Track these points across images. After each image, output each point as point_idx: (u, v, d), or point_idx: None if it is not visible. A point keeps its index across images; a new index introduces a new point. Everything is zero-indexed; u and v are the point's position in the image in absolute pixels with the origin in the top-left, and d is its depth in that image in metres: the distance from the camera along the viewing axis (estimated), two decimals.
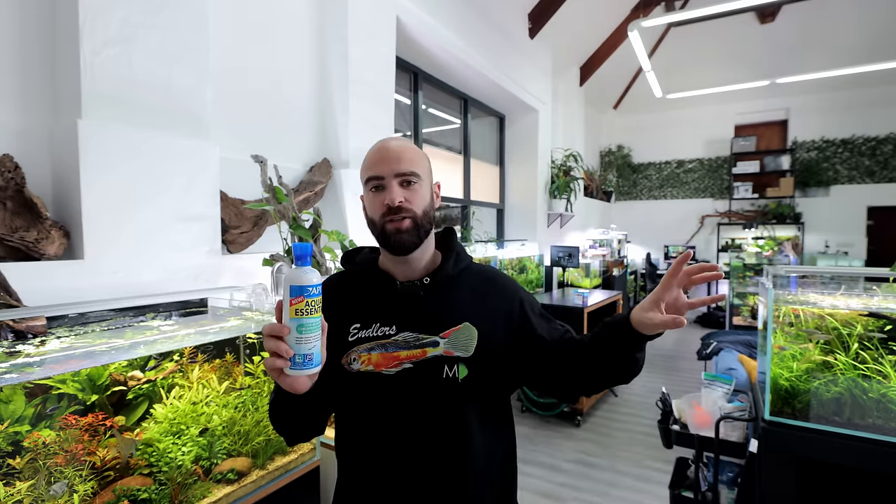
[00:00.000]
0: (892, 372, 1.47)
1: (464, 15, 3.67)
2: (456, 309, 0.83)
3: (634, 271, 7.72)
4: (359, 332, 0.82)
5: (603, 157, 8.33)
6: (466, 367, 0.79)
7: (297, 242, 0.58)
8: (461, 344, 0.80)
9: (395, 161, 0.80)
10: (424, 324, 0.81)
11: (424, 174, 0.84)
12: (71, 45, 1.41)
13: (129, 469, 1.10)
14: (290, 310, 0.64)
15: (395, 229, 0.80)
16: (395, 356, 0.79)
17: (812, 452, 1.54)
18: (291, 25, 2.33)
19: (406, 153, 0.82)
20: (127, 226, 1.48)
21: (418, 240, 0.81)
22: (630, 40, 4.56)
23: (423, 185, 0.83)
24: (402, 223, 0.80)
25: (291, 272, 0.66)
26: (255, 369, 1.43)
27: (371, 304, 0.85)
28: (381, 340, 0.80)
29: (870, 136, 6.54)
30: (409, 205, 0.80)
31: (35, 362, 1.01)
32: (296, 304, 0.64)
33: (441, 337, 0.80)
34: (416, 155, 0.84)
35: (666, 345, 5.99)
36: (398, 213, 0.79)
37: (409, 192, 0.81)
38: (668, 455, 2.71)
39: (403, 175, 0.80)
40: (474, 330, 0.81)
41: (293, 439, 0.87)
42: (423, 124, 3.81)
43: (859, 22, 5.68)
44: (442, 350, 0.79)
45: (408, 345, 0.80)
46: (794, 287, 1.97)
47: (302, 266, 0.66)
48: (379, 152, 0.82)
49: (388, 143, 0.84)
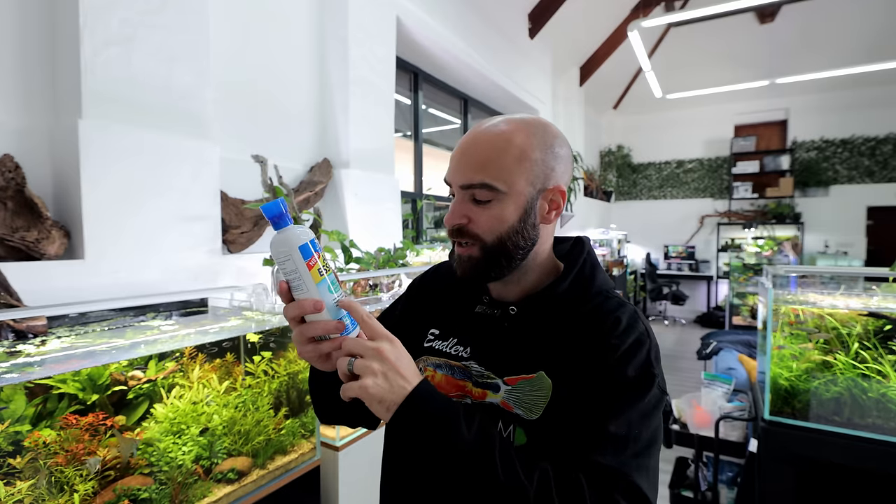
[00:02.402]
0: (891, 371, 1.48)
1: (464, 15, 3.67)
2: (538, 350, 0.61)
3: (634, 271, 7.72)
4: (434, 340, 0.71)
5: (603, 157, 8.34)
6: (525, 433, 0.58)
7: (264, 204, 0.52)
8: (526, 399, 0.59)
9: (464, 167, 0.61)
10: (494, 359, 0.63)
11: (512, 183, 0.59)
12: (71, 45, 1.41)
13: (130, 469, 1.10)
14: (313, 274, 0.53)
15: (459, 256, 0.63)
16: (461, 385, 0.65)
17: (812, 452, 1.55)
18: (291, 25, 2.33)
19: (483, 152, 0.60)
20: (127, 226, 1.49)
21: (488, 274, 0.62)
22: (630, 40, 4.56)
23: (503, 202, 0.60)
24: (467, 249, 0.62)
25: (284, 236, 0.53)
26: (256, 369, 1.43)
27: (455, 314, 0.71)
28: (451, 360, 0.67)
29: (869, 136, 6.55)
30: (475, 228, 0.61)
31: (35, 362, 1.01)
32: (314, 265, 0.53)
33: (505, 382, 0.61)
34: (500, 153, 0.59)
35: (666, 345, 6.00)
36: (461, 237, 0.62)
37: (479, 212, 0.61)
38: (667, 455, 2.71)
39: (471, 188, 0.60)
40: (548, 383, 0.59)
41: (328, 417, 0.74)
42: (423, 124, 3.81)
43: (859, 22, 5.68)
44: (500, 399, 0.61)
45: (473, 378, 0.64)
46: (794, 287, 1.97)
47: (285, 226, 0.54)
48: (458, 147, 0.63)
49: (477, 128, 0.63)
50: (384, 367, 0.51)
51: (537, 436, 0.58)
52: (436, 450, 0.50)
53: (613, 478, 0.51)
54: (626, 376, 0.56)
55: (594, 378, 0.57)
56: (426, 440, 0.51)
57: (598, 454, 0.52)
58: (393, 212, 2.79)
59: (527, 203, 0.61)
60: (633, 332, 0.59)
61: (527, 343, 0.63)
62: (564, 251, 0.70)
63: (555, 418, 0.57)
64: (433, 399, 0.53)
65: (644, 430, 0.55)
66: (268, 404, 1.42)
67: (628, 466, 0.52)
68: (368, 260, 2.15)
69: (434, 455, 0.50)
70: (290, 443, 1.48)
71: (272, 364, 1.46)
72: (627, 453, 0.53)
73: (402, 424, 0.51)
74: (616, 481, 0.51)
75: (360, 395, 0.50)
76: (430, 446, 0.50)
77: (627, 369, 0.56)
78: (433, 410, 0.52)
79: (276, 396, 1.46)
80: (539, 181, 0.61)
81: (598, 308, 0.62)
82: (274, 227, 0.54)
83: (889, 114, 6.43)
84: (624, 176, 8.27)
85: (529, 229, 0.62)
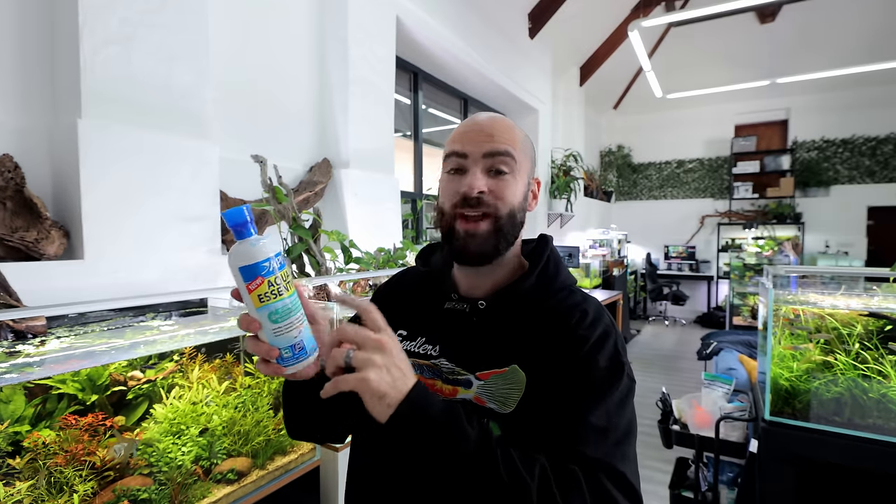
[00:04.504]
0: (892, 372, 1.47)
1: (464, 15, 3.67)
2: (509, 344, 0.62)
3: (634, 271, 7.72)
4: (402, 341, 0.69)
5: (603, 157, 8.34)
6: (499, 426, 0.58)
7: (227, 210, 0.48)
8: (499, 393, 0.60)
9: (488, 137, 0.62)
10: (465, 354, 0.63)
11: (523, 164, 0.64)
12: (71, 44, 1.41)
13: (129, 469, 1.10)
14: (253, 298, 0.49)
15: (465, 231, 0.62)
16: (430, 384, 0.64)
17: (812, 452, 1.54)
18: (291, 25, 2.33)
19: (505, 130, 0.63)
20: (127, 226, 1.48)
21: (495, 251, 0.63)
22: (630, 40, 4.55)
23: (517, 177, 0.63)
24: (477, 224, 0.61)
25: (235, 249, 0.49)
26: (255, 369, 1.43)
27: (422, 314, 0.71)
28: (420, 360, 0.66)
29: (870, 136, 6.54)
30: (493, 199, 0.61)
31: (35, 362, 1.01)
32: (256, 290, 0.49)
33: (477, 377, 0.61)
34: (516, 136, 0.64)
35: (666, 345, 6.00)
36: (476, 208, 0.61)
37: (498, 182, 0.62)
38: (668, 455, 2.70)
39: (495, 155, 0.61)
40: (522, 376, 0.59)
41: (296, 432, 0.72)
42: (423, 124, 3.81)
43: (859, 22, 5.68)
44: (473, 395, 0.61)
45: (442, 375, 0.64)
46: (795, 287, 1.97)
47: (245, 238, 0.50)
48: (469, 124, 0.64)
49: (478, 116, 0.66)
50: (386, 360, 0.49)
51: (511, 429, 0.58)
52: (440, 449, 0.49)
53: (601, 468, 0.52)
54: (599, 367, 0.58)
55: (567, 370, 0.58)
56: (430, 439, 0.49)
57: (582, 445, 0.53)
58: (393, 212, 2.79)
59: (527, 184, 0.66)
60: (600, 324, 0.62)
61: (497, 337, 0.63)
62: (529, 250, 0.72)
63: (529, 411, 0.58)
64: (433, 396, 0.52)
65: (621, 419, 0.57)
66: (267, 405, 1.42)
67: (612, 456, 0.54)
68: (368, 260, 2.15)
69: (438, 454, 0.49)
70: (290, 443, 1.47)
71: None
72: (609, 442, 0.54)
73: (403, 423, 0.48)
74: (603, 471, 0.52)
75: (357, 387, 0.47)
76: (435, 445, 0.49)
77: (598, 360, 0.58)
78: (437, 409, 0.50)
79: (276, 397, 1.46)
80: (531, 168, 0.67)
81: (563, 302, 0.65)
82: (235, 235, 0.50)
83: (889, 114, 6.42)
84: (624, 176, 8.27)
85: (524, 211, 0.66)
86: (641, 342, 6.18)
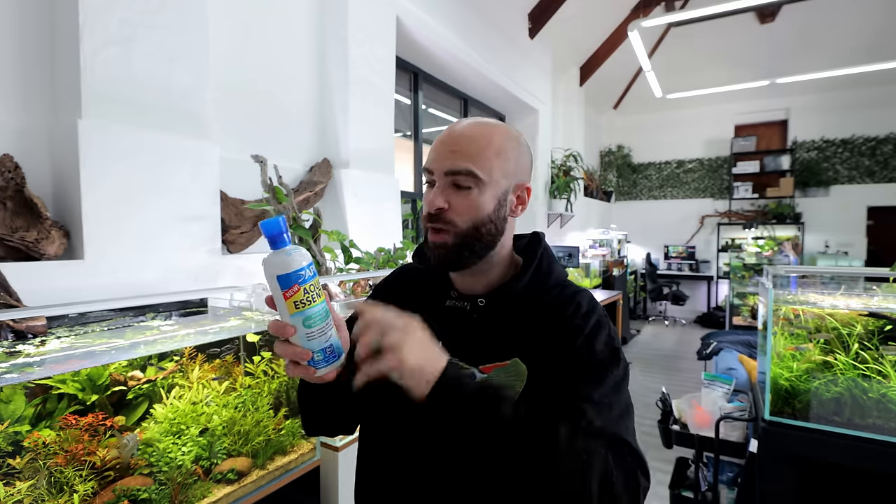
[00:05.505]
0: (892, 372, 1.47)
1: (464, 15, 3.67)
2: (510, 338, 0.65)
3: (634, 271, 7.72)
4: None
5: (603, 157, 8.34)
6: None
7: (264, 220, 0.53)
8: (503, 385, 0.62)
9: (450, 154, 0.63)
10: (468, 350, 0.64)
11: (492, 173, 0.63)
12: (71, 44, 1.41)
13: (130, 469, 1.10)
14: (288, 305, 0.53)
15: (433, 242, 0.65)
16: None
17: (812, 452, 1.54)
18: (291, 25, 2.33)
19: (471, 145, 0.63)
20: (127, 226, 1.48)
21: (460, 260, 0.65)
22: (630, 40, 4.55)
23: (482, 190, 0.63)
24: (441, 236, 0.64)
25: (271, 258, 0.53)
26: (255, 369, 1.43)
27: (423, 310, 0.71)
28: None
29: (870, 136, 6.54)
30: (452, 214, 0.63)
31: (35, 362, 1.01)
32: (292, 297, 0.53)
33: (480, 371, 0.62)
34: (487, 149, 0.63)
35: (666, 345, 6.00)
36: (437, 223, 0.64)
37: (458, 198, 0.63)
38: (668, 455, 2.70)
39: (455, 174, 0.63)
40: (523, 368, 0.62)
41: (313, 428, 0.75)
42: (423, 124, 3.81)
43: (859, 22, 5.68)
44: None
45: None
46: (794, 287, 1.97)
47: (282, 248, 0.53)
48: (441, 139, 0.66)
49: (456, 125, 0.66)
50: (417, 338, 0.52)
51: None
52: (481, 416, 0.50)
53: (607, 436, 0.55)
54: (596, 353, 0.62)
55: (566, 359, 0.62)
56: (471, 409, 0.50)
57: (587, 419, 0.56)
58: (393, 212, 2.79)
59: (501, 194, 0.66)
60: (594, 314, 0.66)
61: (498, 333, 0.66)
62: (522, 247, 0.74)
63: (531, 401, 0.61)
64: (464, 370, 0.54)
65: (620, 397, 0.61)
66: (267, 405, 1.42)
67: (617, 426, 0.57)
68: (368, 260, 2.15)
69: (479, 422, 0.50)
70: (290, 443, 1.47)
71: (272, 364, 1.46)
72: (613, 415, 0.58)
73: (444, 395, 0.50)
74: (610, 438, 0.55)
75: (396, 366, 0.50)
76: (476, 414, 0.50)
77: (595, 346, 0.62)
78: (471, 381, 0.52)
79: (276, 397, 1.46)
80: (512, 176, 0.67)
81: (558, 297, 0.68)
82: (270, 245, 0.53)
83: (889, 114, 6.43)
84: (624, 176, 8.27)
85: (500, 220, 0.66)
86: (641, 342, 6.18)
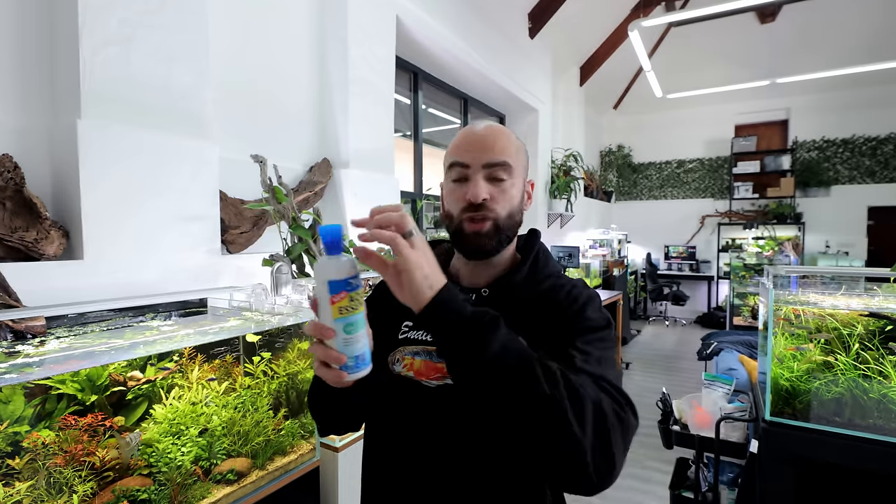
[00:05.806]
0: (892, 372, 1.47)
1: (464, 15, 3.67)
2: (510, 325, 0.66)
3: (635, 271, 7.72)
4: (409, 331, 0.75)
5: (603, 157, 8.33)
6: None
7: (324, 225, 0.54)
8: None
9: (485, 148, 0.70)
10: None
11: (518, 169, 0.72)
12: (70, 44, 1.41)
13: (129, 469, 1.09)
14: (333, 309, 0.54)
15: (473, 231, 0.70)
16: (439, 368, 0.70)
17: (812, 453, 1.54)
18: (291, 25, 2.33)
19: (500, 140, 0.71)
20: (126, 226, 1.48)
21: (498, 246, 0.71)
22: (630, 40, 4.55)
23: (513, 183, 0.71)
24: (482, 225, 0.69)
25: (326, 263, 0.55)
26: (255, 369, 1.42)
27: None
28: (428, 347, 0.72)
29: (870, 136, 6.54)
30: (494, 204, 0.70)
31: (34, 362, 1.01)
32: (339, 302, 0.54)
33: None
34: (511, 145, 0.72)
35: (666, 345, 6.00)
36: (480, 212, 0.69)
37: (496, 190, 0.70)
38: (668, 455, 2.70)
39: (493, 166, 0.69)
40: None
41: (328, 429, 0.80)
42: (423, 124, 3.81)
43: (859, 22, 5.68)
44: None
45: None
46: (795, 287, 1.97)
47: (336, 254, 0.55)
48: (468, 136, 0.72)
49: (475, 127, 0.73)
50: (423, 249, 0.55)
51: None
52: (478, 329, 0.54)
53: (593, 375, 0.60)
54: (589, 317, 0.69)
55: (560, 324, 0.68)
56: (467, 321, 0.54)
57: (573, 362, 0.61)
58: None
59: (522, 187, 0.74)
60: (587, 290, 0.74)
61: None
62: (520, 244, 0.81)
63: None
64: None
65: (610, 353, 0.67)
66: (267, 405, 1.42)
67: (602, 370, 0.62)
68: None
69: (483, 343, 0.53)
70: (290, 443, 1.47)
71: (271, 365, 1.46)
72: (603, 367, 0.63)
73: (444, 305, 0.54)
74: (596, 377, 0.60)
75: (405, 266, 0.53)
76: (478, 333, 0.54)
77: (588, 312, 0.69)
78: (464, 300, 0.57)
79: (276, 397, 1.46)
80: (525, 171, 0.76)
81: (552, 285, 0.75)
82: (326, 250, 0.56)
83: (889, 114, 6.42)
84: (624, 176, 8.27)
85: (521, 211, 0.75)
86: (641, 342, 6.18)
